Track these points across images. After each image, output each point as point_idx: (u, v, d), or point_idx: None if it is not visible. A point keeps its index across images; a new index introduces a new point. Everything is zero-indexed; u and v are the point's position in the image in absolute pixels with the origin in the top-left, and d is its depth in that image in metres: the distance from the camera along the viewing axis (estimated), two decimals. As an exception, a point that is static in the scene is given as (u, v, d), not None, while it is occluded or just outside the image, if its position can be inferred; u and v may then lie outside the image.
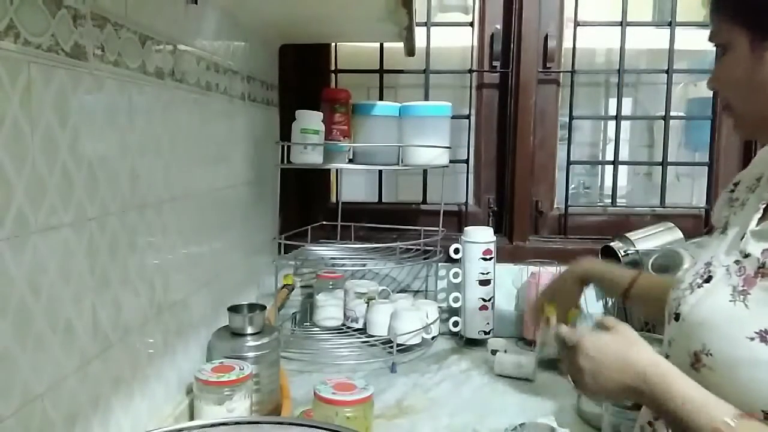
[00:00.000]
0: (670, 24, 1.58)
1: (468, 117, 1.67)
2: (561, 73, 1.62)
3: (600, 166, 2.30)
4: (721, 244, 0.74)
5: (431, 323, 1.45)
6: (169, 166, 0.93)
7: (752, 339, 0.63)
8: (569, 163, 1.68)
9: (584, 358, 0.71)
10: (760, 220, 0.69)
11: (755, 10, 0.67)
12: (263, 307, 1.11)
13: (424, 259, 1.49)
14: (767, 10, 0.66)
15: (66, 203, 0.66)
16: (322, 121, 1.37)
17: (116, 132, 0.77)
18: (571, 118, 1.65)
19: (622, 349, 0.70)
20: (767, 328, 0.62)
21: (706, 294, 0.71)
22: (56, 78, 0.64)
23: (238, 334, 1.06)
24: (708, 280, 0.72)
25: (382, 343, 1.41)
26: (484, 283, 1.48)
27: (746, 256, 0.68)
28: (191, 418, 0.99)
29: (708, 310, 0.69)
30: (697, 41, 1.78)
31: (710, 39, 0.73)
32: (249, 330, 1.06)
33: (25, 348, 0.60)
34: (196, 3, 1.00)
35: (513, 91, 1.60)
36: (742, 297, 0.66)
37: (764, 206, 0.70)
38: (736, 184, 0.81)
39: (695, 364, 0.68)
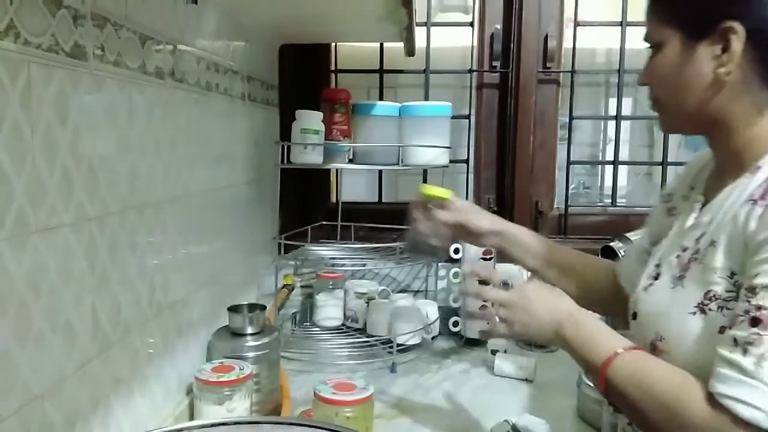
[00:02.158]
0: (670, 24, 1.58)
1: (468, 117, 1.67)
2: (561, 73, 1.63)
3: (600, 166, 2.30)
4: (665, 248, 0.81)
5: (431, 323, 1.45)
6: (169, 166, 0.93)
7: (693, 313, 0.69)
8: (569, 163, 1.68)
9: (521, 297, 0.85)
10: (694, 220, 0.77)
11: (688, 12, 0.72)
12: (263, 307, 1.11)
13: (424, 259, 1.49)
14: (699, 13, 0.71)
15: (66, 203, 0.66)
16: (322, 121, 1.37)
17: (116, 132, 0.77)
18: (571, 118, 1.65)
19: (554, 297, 0.84)
20: (702, 300, 0.69)
21: (654, 289, 0.78)
22: (56, 78, 0.64)
23: (238, 334, 1.06)
24: (657, 277, 0.79)
25: (382, 343, 1.41)
26: (484, 283, 1.48)
27: (684, 249, 0.75)
28: (191, 418, 0.99)
29: (656, 301, 0.77)
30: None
31: (645, 39, 0.78)
32: (249, 330, 1.06)
33: (25, 348, 0.60)
34: (196, 3, 1.00)
35: (513, 91, 1.60)
36: (680, 281, 0.73)
37: (699, 207, 0.77)
38: (670, 195, 0.89)
39: (654, 353, 0.74)
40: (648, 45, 0.78)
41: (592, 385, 1.01)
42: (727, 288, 0.67)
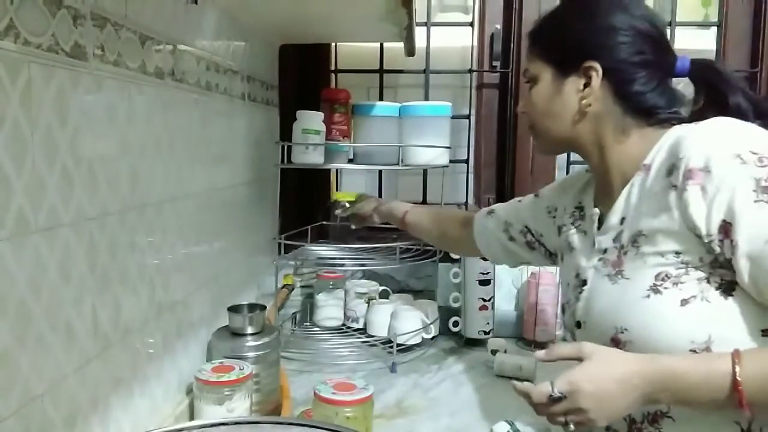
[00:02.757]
0: (670, 24, 1.58)
1: (468, 117, 1.67)
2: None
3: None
4: (575, 259, 0.88)
5: (431, 323, 1.45)
6: (169, 166, 0.93)
7: (647, 296, 0.73)
8: (569, 163, 1.68)
9: (585, 399, 0.71)
10: (598, 228, 0.85)
11: (558, 51, 0.84)
12: (263, 307, 1.11)
13: (424, 259, 1.49)
14: (566, 52, 0.83)
15: (66, 203, 0.66)
16: (323, 121, 1.37)
17: (116, 132, 0.77)
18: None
19: (612, 371, 0.71)
20: (653, 282, 0.73)
21: (589, 293, 0.82)
22: (56, 78, 0.64)
23: (238, 334, 1.06)
24: (584, 284, 0.84)
25: (382, 343, 1.41)
26: (484, 283, 1.48)
27: (604, 251, 0.82)
28: (191, 418, 0.99)
29: (601, 302, 0.80)
30: (697, 41, 1.78)
31: (523, 74, 0.90)
32: (249, 330, 1.06)
33: (25, 348, 0.60)
34: (196, 3, 1.00)
35: (513, 91, 1.60)
36: (618, 276, 0.78)
37: (597, 217, 0.85)
38: (554, 209, 0.99)
39: (617, 347, 0.75)
40: (526, 80, 0.89)
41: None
42: (677, 266, 0.72)
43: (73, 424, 0.69)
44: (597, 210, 0.86)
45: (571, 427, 0.74)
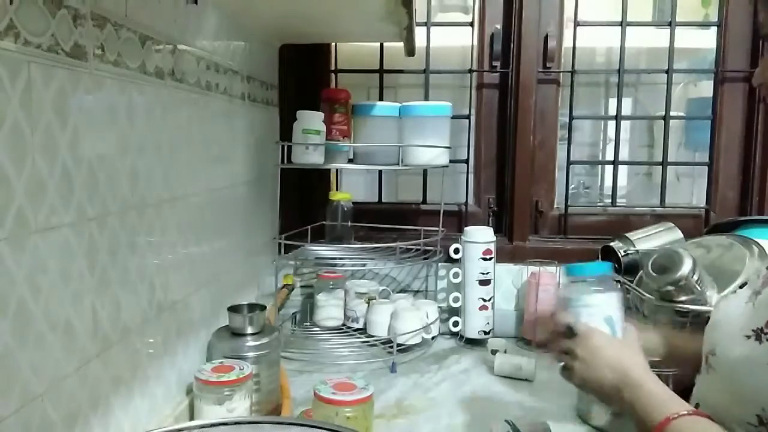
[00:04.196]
0: (670, 24, 1.58)
1: (468, 117, 1.67)
2: (561, 73, 1.62)
3: (600, 166, 2.30)
4: None
5: (431, 323, 1.45)
6: (169, 166, 0.93)
7: (748, 337, 0.64)
8: (569, 163, 1.68)
9: (585, 348, 0.77)
10: None
11: None
12: (263, 307, 1.11)
13: (424, 259, 1.49)
14: None
15: (66, 203, 0.66)
16: (323, 121, 1.37)
17: (116, 132, 0.77)
18: (571, 118, 1.65)
19: (618, 350, 0.76)
20: (762, 326, 0.63)
21: (731, 299, 0.74)
22: (56, 78, 0.64)
23: (238, 334, 1.06)
24: (742, 286, 0.75)
25: (382, 343, 1.41)
26: (484, 283, 1.48)
27: None
28: (191, 418, 0.99)
29: (723, 313, 0.72)
30: (697, 41, 1.79)
31: (760, 30, 0.75)
32: (249, 330, 1.06)
33: (25, 348, 0.60)
34: (196, 3, 1.00)
35: (513, 91, 1.60)
36: (755, 297, 0.68)
37: None
38: None
39: (706, 365, 0.71)
40: (761, 37, 0.72)
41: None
42: None
43: (73, 424, 0.69)
44: None
45: (559, 365, 0.82)
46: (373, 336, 1.43)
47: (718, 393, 0.67)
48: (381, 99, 1.68)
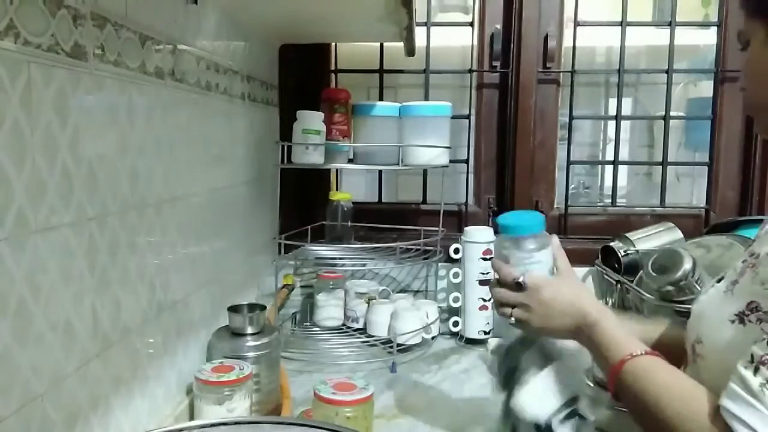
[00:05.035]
0: (670, 24, 1.58)
1: (468, 117, 1.67)
2: (561, 73, 1.63)
3: (600, 166, 2.30)
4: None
5: (431, 323, 1.45)
6: (169, 166, 0.93)
7: (732, 321, 0.67)
8: (569, 163, 1.68)
9: (537, 300, 0.81)
10: None
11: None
12: (263, 307, 1.10)
13: (424, 259, 1.49)
14: None
15: (66, 203, 0.66)
16: (323, 121, 1.37)
17: (116, 132, 0.77)
18: (571, 118, 1.65)
19: (570, 294, 0.80)
20: (743, 309, 0.66)
21: (711, 292, 0.77)
22: (56, 78, 0.64)
23: (238, 334, 1.06)
24: (720, 281, 0.77)
25: (382, 343, 1.41)
26: (484, 283, 1.48)
27: (752, 255, 0.72)
28: (191, 418, 0.99)
29: (706, 304, 0.75)
30: (697, 41, 1.79)
31: (738, 39, 0.77)
32: (249, 330, 1.06)
33: (25, 348, 0.60)
34: (196, 3, 1.00)
35: (513, 91, 1.60)
36: (732, 286, 0.71)
37: None
38: None
39: (693, 355, 0.73)
40: (741, 47, 0.75)
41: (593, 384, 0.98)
42: None
43: (73, 424, 0.69)
44: None
45: (512, 320, 0.84)
46: (373, 336, 1.43)
47: (709, 378, 0.68)
48: (381, 99, 1.68)
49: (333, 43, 1.69)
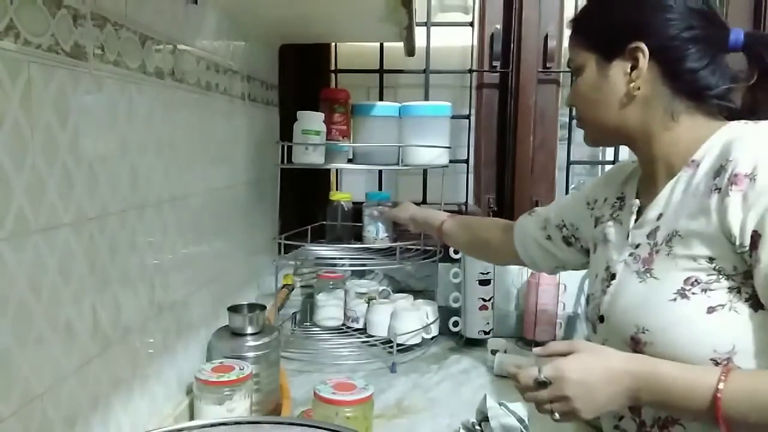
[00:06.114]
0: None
1: (468, 117, 1.67)
2: (561, 73, 1.62)
3: (600, 166, 2.30)
4: (608, 252, 0.86)
5: (431, 323, 1.45)
6: (169, 166, 0.93)
7: (674, 300, 0.72)
8: (569, 163, 1.68)
9: (570, 386, 0.73)
10: (635, 221, 0.83)
11: (601, 36, 0.82)
12: (263, 307, 1.11)
13: (424, 259, 1.49)
14: (610, 36, 0.81)
15: (66, 203, 0.66)
16: (323, 121, 1.37)
17: (116, 132, 0.77)
18: (571, 118, 1.65)
19: (600, 362, 0.73)
20: (681, 286, 0.72)
21: (616, 288, 0.81)
22: (56, 78, 0.64)
23: (238, 334, 1.06)
24: (612, 278, 0.82)
25: (382, 343, 1.41)
26: (484, 283, 1.48)
27: (637, 246, 0.80)
28: (191, 418, 0.99)
29: (626, 299, 0.79)
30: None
31: (568, 65, 0.89)
32: (249, 330, 1.06)
33: (25, 348, 0.60)
34: (196, 3, 1.00)
35: (513, 91, 1.60)
36: (647, 274, 0.76)
37: (636, 209, 0.83)
38: (594, 201, 0.96)
39: (636, 347, 0.75)
40: (571, 72, 0.87)
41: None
42: (708, 272, 0.71)
43: (73, 424, 0.69)
44: (637, 201, 0.84)
45: (556, 416, 0.75)
46: (373, 336, 1.43)
47: (665, 359, 0.71)
48: (381, 99, 1.68)
49: (333, 43, 1.69)
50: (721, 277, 0.70)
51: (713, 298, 0.70)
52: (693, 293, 0.71)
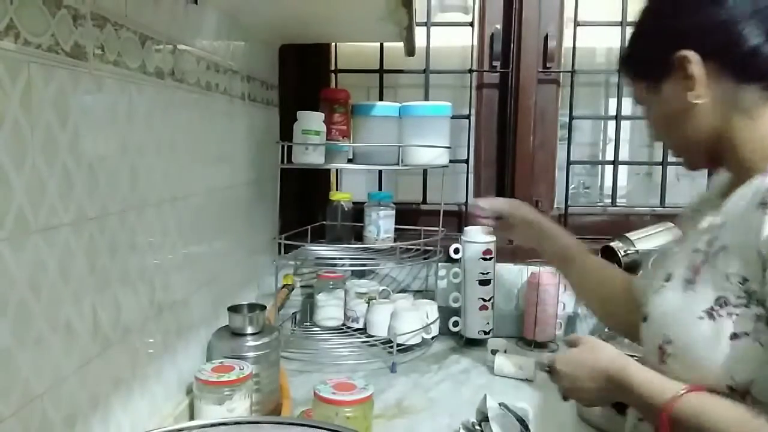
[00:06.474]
0: (670, 24, 1.58)
1: (468, 117, 1.67)
2: (561, 73, 1.63)
3: (600, 166, 2.30)
4: (681, 250, 0.81)
5: (431, 323, 1.45)
6: (169, 166, 0.93)
7: (701, 318, 0.69)
8: (569, 163, 1.68)
9: (562, 377, 0.84)
10: (710, 222, 0.76)
11: (640, 63, 0.81)
12: (263, 307, 1.11)
13: (424, 259, 1.49)
14: (647, 59, 0.80)
15: (66, 203, 0.66)
16: (323, 121, 1.37)
17: (116, 132, 0.77)
18: (571, 118, 1.65)
19: (588, 359, 0.81)
20: (712, 305, 0.69)
21: (665, 291, 0.78)
22: (56, 78, 0.64)
23: (238, 334, 1.06)
24: (668, 279, 0.79)
25: (382, 343, 1.41)
26: (484, 283, 1.48)
27: (696, 251, 0.75)
28: (191, 418, 0.99)
29: (666, 304, 0.76)
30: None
31: (636, 104, 0.86)
32: (249, 330, 1.06)
33: (25, 348, 0.60)
34: (196, 3, 1.00)
35: (513, 91, 1.60)
36: (691, 285, 0.73)
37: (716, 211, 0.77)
38: (698, 208, 0.89)
39: (662, 356, 0.74)
40: (643, 110, 0.84)
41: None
42: (738, 294, 0.67)
43: (73, 424, 0.69)
44: (717, 202, 0.77)
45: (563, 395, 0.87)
46: (373, 336, 1.43)
47: (680, 374, 0.71)
48: (381, 99, 1.68)
49: (333, 43, 1.69)
50: (751, 302, 0.65)
51: (738, 324, 0.66)
52: (719, 315, 0.67)
